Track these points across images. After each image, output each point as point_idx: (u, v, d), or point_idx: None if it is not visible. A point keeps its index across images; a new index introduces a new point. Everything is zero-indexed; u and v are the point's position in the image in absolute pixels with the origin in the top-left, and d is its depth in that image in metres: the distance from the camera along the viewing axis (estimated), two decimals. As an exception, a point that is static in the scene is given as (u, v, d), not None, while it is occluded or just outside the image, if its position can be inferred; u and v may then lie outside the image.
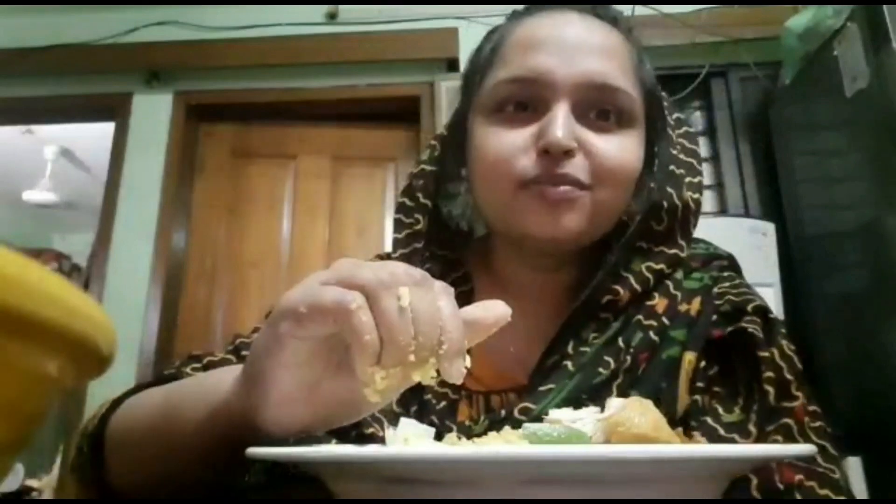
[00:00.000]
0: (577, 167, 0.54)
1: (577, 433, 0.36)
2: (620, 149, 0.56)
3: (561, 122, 0.54)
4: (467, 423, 0.56)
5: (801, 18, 1.81)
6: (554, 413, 0.40)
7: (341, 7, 2.42)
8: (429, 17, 2.35)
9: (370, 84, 2.39)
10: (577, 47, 0.56)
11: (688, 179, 0.61)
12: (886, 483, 1.38)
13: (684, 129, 0.65)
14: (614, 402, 0.38)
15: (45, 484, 3.14)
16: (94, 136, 3.08)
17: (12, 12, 2.52)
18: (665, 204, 0.60)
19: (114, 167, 2.39)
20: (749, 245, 1.77)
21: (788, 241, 1.88)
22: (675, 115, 0.66)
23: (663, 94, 0.65)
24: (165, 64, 2.44)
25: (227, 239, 2.37)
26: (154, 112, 2.42)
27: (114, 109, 2.46)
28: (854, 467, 1.37)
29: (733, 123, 2.18)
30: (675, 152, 0.62)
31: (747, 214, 2.01)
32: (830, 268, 1.71)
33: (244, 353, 0.59)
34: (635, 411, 0.35)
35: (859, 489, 1.34)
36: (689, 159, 0.63)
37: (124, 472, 0.49)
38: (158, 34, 2.45)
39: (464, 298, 0.61)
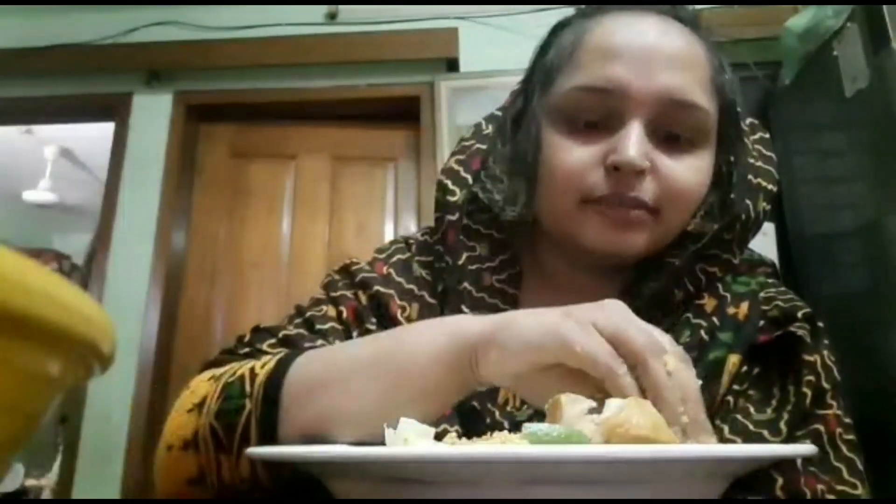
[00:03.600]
0: (646, 189, 0.53)
1: (577, 433, 0.36)
2: (691, 171, 0.55)
3: (634, 140, 0.52)
4: (509, 408, 0.56)
5: (801, 18, 1.81)
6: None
7: (341, 7, 2.42)
8: (429, 17, 2.35)
9: (370, 84, 2.38)
10: (656, 58, 0.54)
11: (764, 184, 0.60)
12: (887, 483, 1.38)
13: (759, 134, 0.63)
14: (613, 404, 0.38)
15: (45, 483, 3.14)
16: (94, 136, 3.08)
17: (12, 12, 2.52)
18: (743, 217, 0.59)
19: (114, 167, 2.39)
20: (749, 245, 1.77)
21: (788, 241, 1.88)
22: (749, 120, 0.64)
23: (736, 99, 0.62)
24: (165, 64, 2.43)
25: (227, 239, 2.37)
26: (154, 112, 2.42)
27: (114, 109, 2.46)
28: (854, 467, 1.37)
29: (733, 123, 2.17)
30: (752, 161, 0.61)
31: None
32: (830, 268, 1.71)
33: (318, 327, 0.59)
34: (634, 412, 0.35)
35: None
36: (768, 167, 0.61)
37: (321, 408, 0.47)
38: (158, 34, 2.45)
39: (513, 279, 0.62)
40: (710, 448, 0.39)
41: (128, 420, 2.10)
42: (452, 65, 2.31)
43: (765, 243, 1.84)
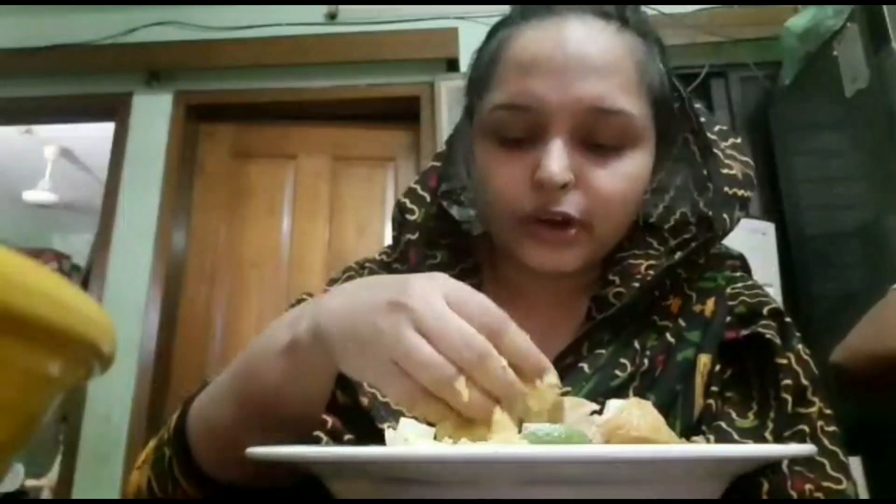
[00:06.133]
0: (572, 203, 0.53)
1: (577, 433, 0.36)
2: (619, 178, 0.54)
3: (555, 156, 0.52)
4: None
5: (801, 18, 1.81)
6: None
7: (341, 7, 2.42)
8: (429, 17, 2.35)
9: (370, 84, 2.39)
10: (572, 67, 0.53)
11: (740, 193, 0.60)
12: (886, 483, 1.38)
13: (731, 140, 0.62)
14: (613, 405, 0.38)
15: (45, 483, 3.14)
16: (94, 136, 3.08)
17: (12, 12, 2.52)
18: (720, 232, 0.58)
19: (114, 167, 2.39)
20: (748, 245, 1.76)
21: (788, 241, 1.88)
22: (717, 127, 0.63)
23: (699, 107, 0.62)
24: (165, 64, 2.44)
25: (227, 239, 2.37)
26: (154, 112, 2.42)
27: (114, 109, 2.45)
28: (854, 467, 1.37)
29: (733, 123, 2.17)
30: (727, 171, 0.60)
31: (747, 214, 1.99)
32: (830, 268, 1.71)
33: None
34: (634, 414, 0.35)
35: (859, 489, 1.34)
36: (747, 171, 0.61)
37: (217, 448, 0.49)
38: (158, 34, 2.45)
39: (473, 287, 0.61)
40: (710, 448, 0.39)
41: (128, 420, 2.10)
42: (452, 65, 2.31)
43: (765, 243, 1.84)
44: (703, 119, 0.61)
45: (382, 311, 0.38)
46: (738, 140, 0.63)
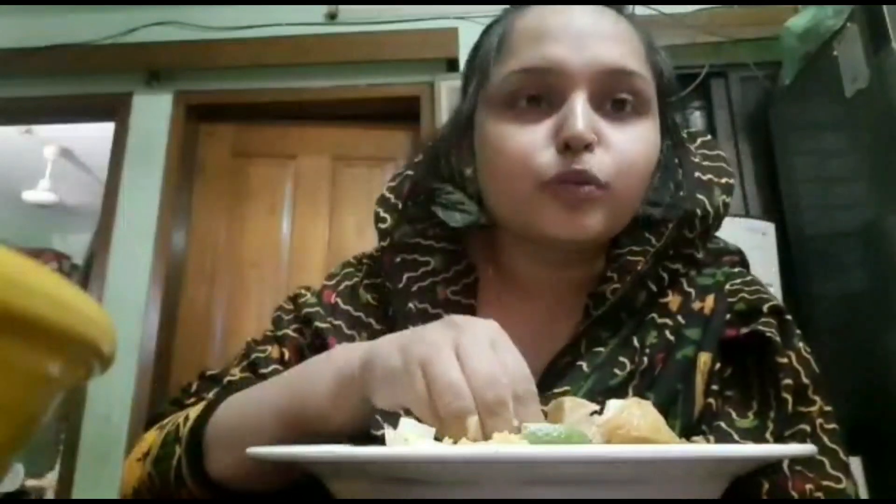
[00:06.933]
0: (596, 162, 0.52)
1: (577, 433, 0.36)
2: (639, 141, 0.54)
3: (580, 114, 0.51)
4: None
5: (801, 18, 1.81)
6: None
7: (341, 7, 2.42)
8: (429, 17, 2.35)
9: (370, 84, 2.39)
10: (588, 34, 0.54)
11: (716, 180, 0.60)
12: (886, 483, 1.38)
13: (700, 139, 0.64)
14: (613, 405, 0.38)
15: (45, 483, 3.14)
16: (94, 136, 3.08)
17: (12, 12, 2.52)
18: (699, 212, 0.58)
19: (114, 167, 2.39)
20: (748, 245, 1.76)
21: (788, 241, 1.88)
22: (686, 131, 0.65)
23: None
24: (165, 64, 2.43)
25: (227, 239, 2.37)
26: (154, 112, 2.42)
27: (114, 109, 2.45)
28: (854, 467, 1.37)
29: (733, 123, 2.18)
30: (697, 160, 0.61)
31: (747, 214, 2.01)
32: (830, 268, 1.71)
33: (261, 371, 0.60)
34: (634, 414, 0.35)
35: (859, 489, 1.34)
36: (716, 163, 0.61)
37: (235, 459, 0.49)
38: (158, 34, 2.45)
39: (468, 289, 0.61)
40: (710, 448, 0.39)
41: (128, 420, 2.10)
42: (452, 65, 2.31)
43: (765, 243, 1.84)
44: (678, 120, 0.63)
45: (433, 326, 0.43)
46: (708, 138, 0.65)
